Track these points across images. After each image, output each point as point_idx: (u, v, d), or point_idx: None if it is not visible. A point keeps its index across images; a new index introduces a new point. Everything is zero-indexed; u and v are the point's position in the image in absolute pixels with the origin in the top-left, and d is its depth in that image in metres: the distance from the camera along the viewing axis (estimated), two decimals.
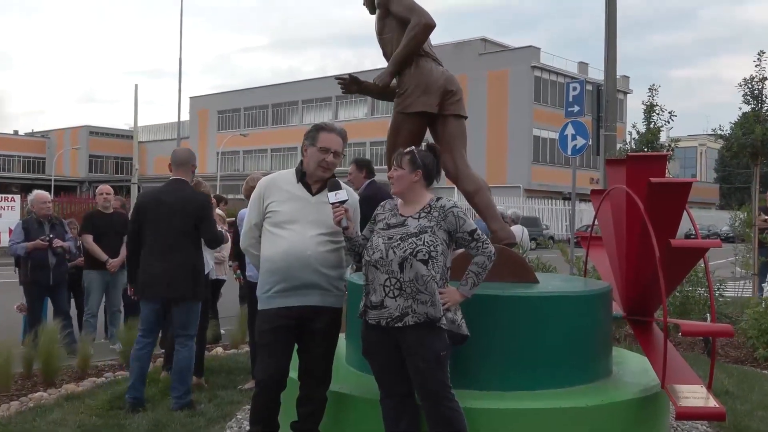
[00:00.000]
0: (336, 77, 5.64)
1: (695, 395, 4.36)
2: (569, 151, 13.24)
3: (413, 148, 3.95)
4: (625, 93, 59.96)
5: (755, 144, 11.79)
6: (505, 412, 4.00)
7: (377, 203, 4.15)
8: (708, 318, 8.69)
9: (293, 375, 4.17)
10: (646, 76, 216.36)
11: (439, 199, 3.85)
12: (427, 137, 5.25)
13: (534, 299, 4.39)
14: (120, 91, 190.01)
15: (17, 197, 18.13)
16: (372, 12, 5.55)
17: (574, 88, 13.52)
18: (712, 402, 4.30)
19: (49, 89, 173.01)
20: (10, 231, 10.29)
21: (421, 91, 5.16)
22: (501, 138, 51.95)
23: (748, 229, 12.10)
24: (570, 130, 13.16)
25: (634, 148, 12.87)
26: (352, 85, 5.51)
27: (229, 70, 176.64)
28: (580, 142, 13.04)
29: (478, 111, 47.87)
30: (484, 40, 56.03)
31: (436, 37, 5.47)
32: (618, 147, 14.49)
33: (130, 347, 7.44)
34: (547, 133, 51.98)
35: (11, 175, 71.17)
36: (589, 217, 39.87)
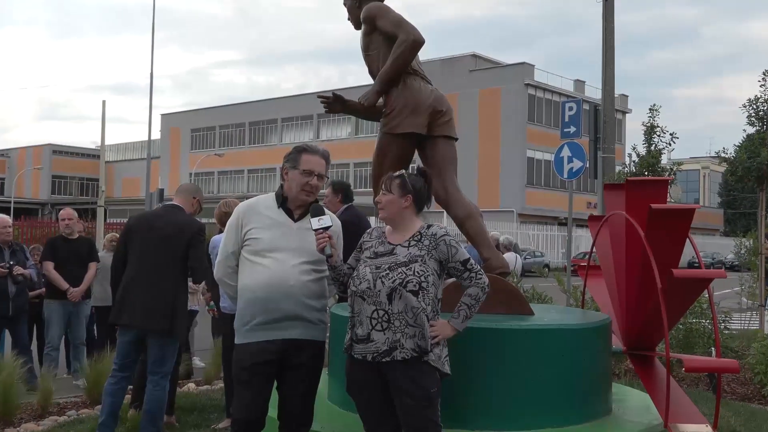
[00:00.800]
0: (318, 95, 5.67)
1: None
2: (565, 174, 13.31)
3: (403, 171, 3.97)
4: (623, 113, 60.55)
5: (761, 167, 11.91)
6: None
7: (354, 230, 4.16)
8: (713, 352, 8.72)
9: (272, 413, 4.15)
10: (645, 95, 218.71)
11: (430, 226, 3.87)
12: (415, 160, 5.28)
13: (528, 332, 4.40)
14: (86, 108, 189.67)
15: None
16: (357, 27, 5.60)
17: (571, 108, 13.64)
18: None
19: (9, 105, 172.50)
20: None
21: (409, 111, 5.20)
22: (493, 160, 52.21)
23: (754, 258, 12.20)
24: (566, 152, 13.24)
25: (634, 171, 12.98)
26: (336, 103, 5.54)
27: (203, 86, 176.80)
28: (577, 164, 13.12)
29: (468, 131, 48.13)
30: (475, 56, 56.49)
31: (425, 53, 5.53)
32: (617, 170, 14.60)
33: (94, 383, 7.40)
34: (542, 155, 52.29)
35: None
36: (586, 244, 40.03)
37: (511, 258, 10.81)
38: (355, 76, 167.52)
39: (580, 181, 45.66)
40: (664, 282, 4.44)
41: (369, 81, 5.50)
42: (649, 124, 13.02)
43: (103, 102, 29.94)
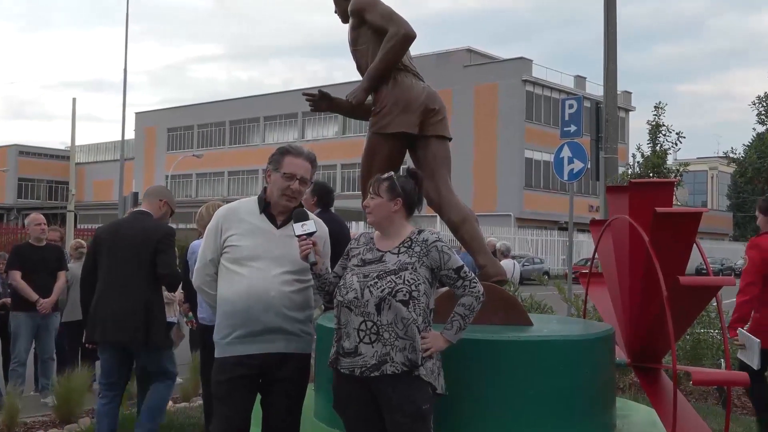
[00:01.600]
0: (304, 92, 5.67)
1: None
2: (565, 176, 13.35)
3: (392, 173, 3.97)
4: (627, 110, 60.81)
5: None
6: None
7: (330, 235, 4.20)
8: (722, 364, 8.75)
9: (255, 431, 4.14)
10: (649, 92, 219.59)
11: (421, 231, 3.87)
12: (407, 161, 5.28)
13: (526, 344, 4.41)
14: (55, 106, 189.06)
15: None
16: (345, 21, 5.61)
17: (571, 105, 13.68)
18: None
19: None
20: None
21: (399, 109, 5.20)
22: (489, 161, 52.34)
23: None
24: (566, 153, 13.28)
25: (638, 172, 13.06)
26: (322, 101, 5.55)
27: (180, 83, 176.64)
28: (578, 165, 13.16)
29: (463, 130, 48.22)
30: (470, 51, 56.65)
31: (416, 47, 5.54)
32: (620, 171, 14.66)
33: (64, 401, 7.38)
34: (541, 155, 52.46)
35: None
36: (588, 250, 40.14)
37: (508, 265, 10.85)
38: (343, 72, 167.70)
39: (581, 183, 45.74)
40: (669, 290, 4.45)
41: (357, 77, 5.50)
42: (654, 123, 13.12)
43: (74, 99, 29.77)
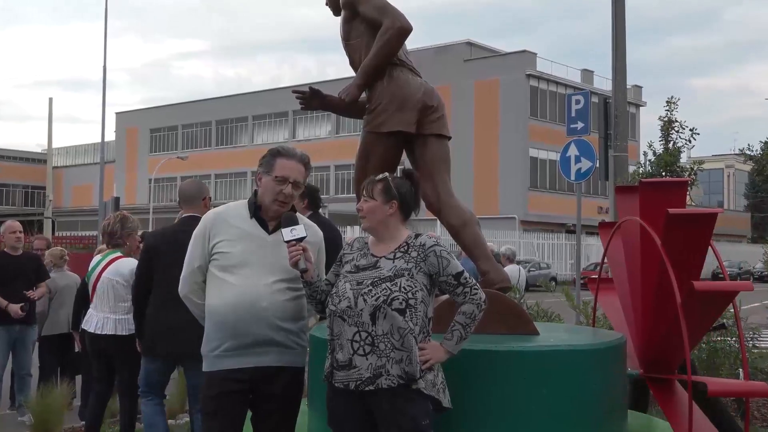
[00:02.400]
0: (294, 90, 5.67)
1: None
2: (573, 176, 13.36)
3: (387, 174, 3.97)
4: (637, 106, 60.90)
5: None
6: None
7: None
8: (740, 374, 8.75)
9: None
10: (661, 86, 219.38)
11: (418, 235, 3.87)
12: (403, 162, 5.28)
13: (532, 355, 4.40)
14: (30, 106, 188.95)
15: None
16: (336, 13, 5.61)
17: (578, 101, 13.69)
18: None
19: None
20: None
21: (395, 106, 5.20)
22: (491, 160, 52.37)
23: None
24: (573, 151, 13.29)
25: (650, 171, 13.07)
26: (313, 99, 5.54)
27: (163, 81, 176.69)
28: (586, 164, 13.17)
29: (463, 129, 48.27)
30: (470, 44, 56.72)
31: (413, 41, 5.54)
32: (630, 170, 14.66)
33: (42, 420, 7.37)
34: (546, 154, 52.49)
35: None
36: (597, 254, 40.14)
37: (513, 271, 10.85)
38: (335, 68, 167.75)
39: (589, 184, 45.77)
40: (684, 296, 4.46)
41: (350, 73, 5.50)
42: (666, 119, 13.13)
43: (50, 99, 29.79)
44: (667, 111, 13.06)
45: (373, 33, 5.25)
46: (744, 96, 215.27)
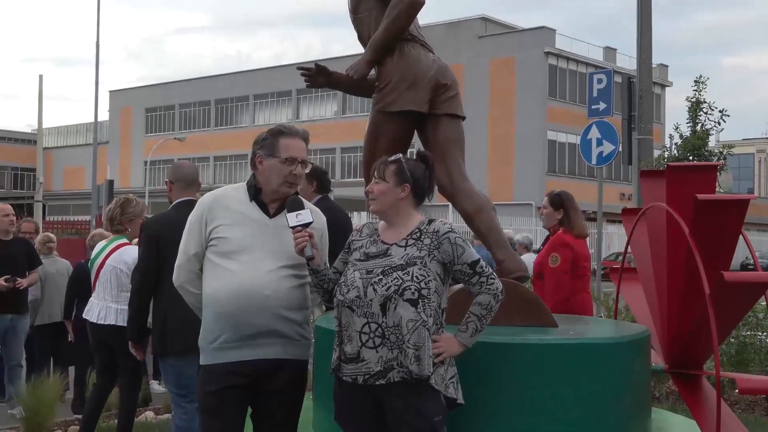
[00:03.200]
0: (298, 67, 5.67)
1: None
2: (594, 160, 13.35)
3: (400, 156, 3.97)
4: (663, 86, 60.66)
5: None
6: None
7: (330, 227, 4.18)
8: None
9: None
10: (689, 65, 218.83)
11: (431, 221, 3.86)
12: (415, 143, 5.27)
13: (550, 347, 4.40)
14: (19, 84, 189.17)
15: None
16: None
17: (599, 80, 13.68)
18: None
19: None
20: None
21: (406, 84, 5.19)
22: (507, 143, 52.27)
23: None
24: (594, 134, 13.28)
25: (676, 155, 12.99)
26: (319, 76, 5.54)
27: (159, 57, 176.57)
28: (608, 148, 13.16)
29: (477, 109, 48.16)
30: (485, 20, 56.52)
31: (424, 16, 5.52)
32: (655, 154, 14.63)
33: (33, 413, 7.39)
34: (566, 137, 52.36)
35: None
36: (619, 243, 40.07)
37: (530, 260, 10.82)
38: (341, 45, 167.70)
39: (611, 168, 45.71)
40: (713, 287, 4.44)
41: (359, 49, 5.49)
42: (694, 100, 13.02)
43: (40, 77, 29.83)
44: (695, 91, 12.94)
45: (383, 6, 5.25)
46: None
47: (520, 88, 52.50)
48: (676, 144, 13.33)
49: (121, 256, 6.70)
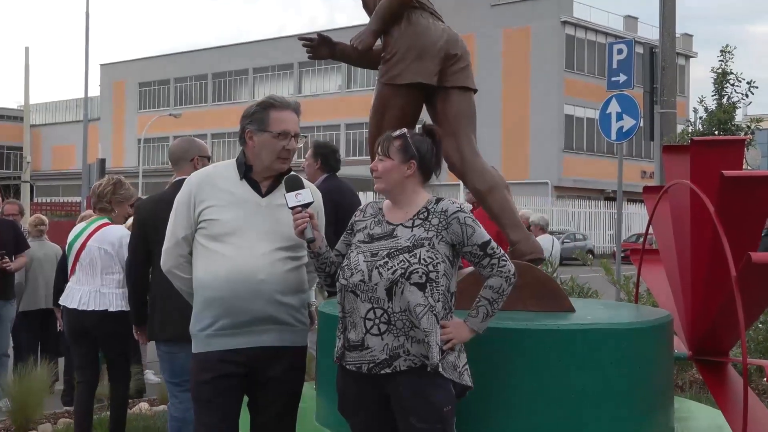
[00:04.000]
0: (300, 37, 5.66)
1: None
2: (613, 136, 13.31)
3: (405, 130, 3.95)
4: (687, 57, 60.45)
5: None
6: None
7: (332, 208, 4.16)
8: None
9: None
10: (715, 34, 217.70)
11: (439, 200, 3.86)
12: (423, 118, 5.26)
13: (566, 333, 4.40)
14: (4, 56, 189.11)
15: None
16: None
17: (620, 51, 13.61)
18: None
19: None
20: None
21: (414, 55, 5.18)
22: (521, 118, 52.19)
23: None
24: (614, 107, 13.23)
25: (701, 130, 12.97)
26: (322, 47, 5.53)
27: (154, 29, 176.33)
28: (628, 122, 13.11)
29: (490, 83, 48.09)
30: None
31: None
32: (679, 129, 14.59)
33: (21, 405, 7.42)
34: (584, 112, 52.28)
35: None
36: (640, 224, 40.04)
37: (546, 241, 10.82)
38: (346, 14, 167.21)
39: (631, 144, 45.58)
40: (739, 269, 4.43)
41: (364, 19, 5.48)
42: (720, 71, 12.98)
43: (26, 49, 29.74)
44: (721, 62, 12.90)
45: None
46: None
47: (536, 60, 52.36)
48: (701, 118, 13.29)
49: (105, 236, 6.51)
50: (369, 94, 5.46)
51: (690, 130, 13.51)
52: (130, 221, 6.81)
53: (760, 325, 9.25)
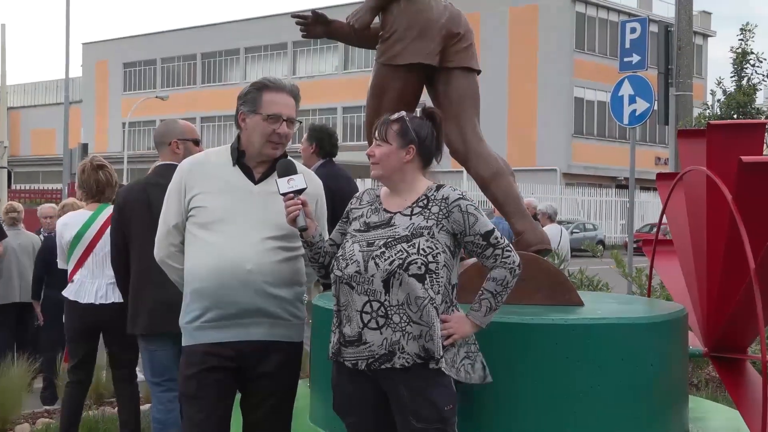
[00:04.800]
0: (293, 15, 5.65)
1: None
2: (626, 120, 13.32)
3: (404, 114, 3.95)
4: (704, 36, 60.39)
5: None
6: None
7: (331, 195, 4.16)
8: None
9: None
10: (734, 12, 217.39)
11: (439, 187, 3.85)
12: (424, 100, 5.25)
13: (575, 328, 4.41)
14: None
15: None
16: None
17: (633, 30, 13.61)
18: None
19: None
20: None
21: (414, 34, 5.18)
22: (528, 101, 52.16)
23: None
24: (627, 90, 13.24)
25: (719, 114, 12.96)
26: (317, 25, 5.53)
27: (139, 5, 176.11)
28: (642, 106, 13.12)
29: (495, 64, 48.04)
30: None
31: None
32: (695, 113, 14.59)
33: None
34: (594, 94, 52.25)
35: None
36: (654, 213, 40.10)
37: (554, 231, 10.85)
38: None
39: (645, 129, 45.61)
40: (759, 261, 4.43)
41: None
42: (739, 51, 12.97)
43: (2, 26, 29.65)
44: (741, 41, 12.87)
45: None
46: None
47: (544, 39, 52.29)
48: (719, 101, 13.27)
49: None
50: (367, 75, 5.44)
51: (707, 114, 13.50)
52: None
53: None
